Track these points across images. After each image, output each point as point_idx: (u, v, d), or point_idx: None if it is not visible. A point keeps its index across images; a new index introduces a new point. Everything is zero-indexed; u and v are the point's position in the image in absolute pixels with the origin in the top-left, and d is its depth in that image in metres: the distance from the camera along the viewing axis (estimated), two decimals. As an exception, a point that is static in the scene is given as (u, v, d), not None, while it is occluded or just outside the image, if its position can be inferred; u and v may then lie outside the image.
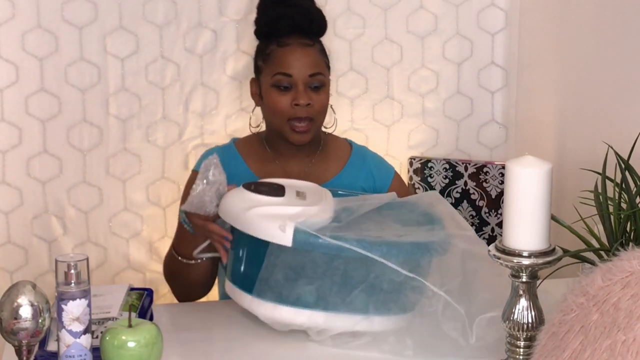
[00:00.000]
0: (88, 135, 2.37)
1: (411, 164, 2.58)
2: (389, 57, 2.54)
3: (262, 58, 2.06)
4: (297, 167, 2.09)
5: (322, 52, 2.08)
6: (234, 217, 1.68)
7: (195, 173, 2.09)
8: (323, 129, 2.13)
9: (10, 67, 2.29)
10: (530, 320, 1.42)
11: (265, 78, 2.04)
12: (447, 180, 2.56)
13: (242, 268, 1.70)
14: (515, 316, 1.43)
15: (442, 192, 2.55)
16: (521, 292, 1.43)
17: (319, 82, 2.02)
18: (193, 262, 1.89)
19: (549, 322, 1.23)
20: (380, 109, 2.56)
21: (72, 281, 1.40)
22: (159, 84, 2.40)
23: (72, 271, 1.40)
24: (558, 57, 2.34)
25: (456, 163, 2.56)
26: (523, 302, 1.43)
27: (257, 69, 2.09)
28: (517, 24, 2.54)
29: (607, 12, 2.07)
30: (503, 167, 2.46)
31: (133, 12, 2.35)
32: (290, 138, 2.02)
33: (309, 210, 1.65)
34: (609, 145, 1.66)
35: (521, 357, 1.45)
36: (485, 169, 2.54)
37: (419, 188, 2.57)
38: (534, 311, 1.43)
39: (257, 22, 2.12)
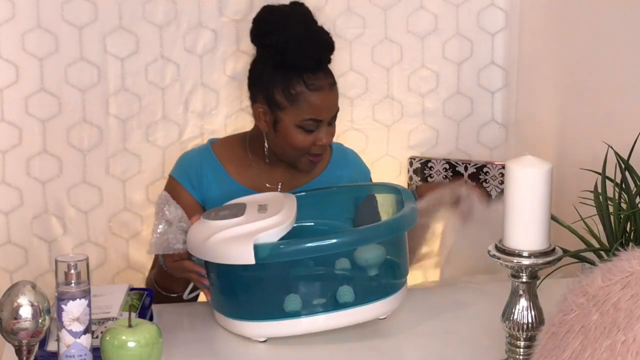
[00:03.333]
0: (88, 135, 2.37)
1: (411, 164, 2.58)
2: (389, 57, 2.53)
3: (285, 95, 1.92)
4: (280, 172, 2.06)
5: None
6: (197, 249, 1.66)
7: (173, 179, 2.06)
8: None
9: (10, 67, 2.29)
10: (530, 320, 1.42)
11: (290, 118, 1.93)
12: (447, 181, 2.56)
13: (221, 296, 1.70)
14: (515, 316, 1.43)
15: (442, 192, 2.55)
16: (521, 292, 1.43)
17: (335, 118, 1.99)
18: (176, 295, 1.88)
19: (549, 322, 1.23)
20: (380, 109, 2.56)
21: (72, 281, 1.40)
22: (159, 84, 2.40)
23: (72, 271, 1.40)
24: (558, 57, 2.33)
25: (456, 163, 2.56)
26: (523, 302, 1.43)
27: (276, 104, 1.94)
28: (517, 24, 2.53)
29: (607, 12, 2.07)
30: (503, 167, 2.46)
31: (133, 12, 2.35)
32: (302, 168, 2.00)
33: (268, 222, 1.63)
34: (609, 145, 1.66)
35: (521, 357, 1.45)
36: (485, 169, 2.54)
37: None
38: (534, 311, 1.43)
39: (275, 44, 1.93)
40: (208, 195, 2.03)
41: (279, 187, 2.04)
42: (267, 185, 2.04)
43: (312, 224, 1.86)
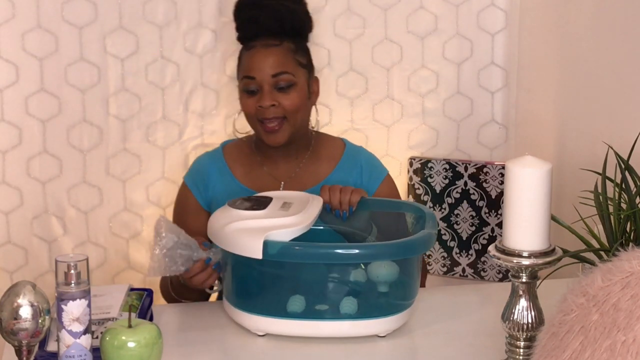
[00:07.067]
0: (88, 135, 2.37)
1: (411, 164, 2.58)
2: (389, 57, 2.54)
3: (238, 63, 2.04)
4: (286, 170, 2.07)
5: (293, 50, 2.01)
6: (214, 234, 1.68)
7: (183, 183, 2.09)
8: (312, 129, 2.11)
9: (10, 67, 2.29)
10: (530, 321, 1.42)
11: (239, 83, 2.02)
12: (447, 181, 2.56)
13: (229, 283, 1.71)
14: (515, 316, 1.43)
15: (442, 193, 2.56)
16: (521, 292, 1.43)
17: (286, 82, 1.97)
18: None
19: (548, 323, 1.23)
20: (380, 109, 2.56)
21: (72, 281, 1.40)
22: (159, 84, 2.40)
23: (72, 271, 1.40)
24: (558, 57, 2.33)
25: (456, 163, 2.56)
26: (523, 303, 1.43)
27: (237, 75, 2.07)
28: (517, 24, 2.54)
29: (607, 12, 2.07)
30: (503, 167, 2.46)
31: (133, 12, 2.35)
32: (265, 139, 2.00)
33: (285, 221, 1.64)
34: (609, 146, 1.66)
35: (521, 357, 1.45)
36: (485, 169, 2.54)
37: (418, 189, 2.57)
38: (534, 311, 1.43)
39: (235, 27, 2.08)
40: (214, 198, 2.04)
41: (282, 186, 2.04)
42: (270, 185, 2.04)
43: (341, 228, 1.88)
